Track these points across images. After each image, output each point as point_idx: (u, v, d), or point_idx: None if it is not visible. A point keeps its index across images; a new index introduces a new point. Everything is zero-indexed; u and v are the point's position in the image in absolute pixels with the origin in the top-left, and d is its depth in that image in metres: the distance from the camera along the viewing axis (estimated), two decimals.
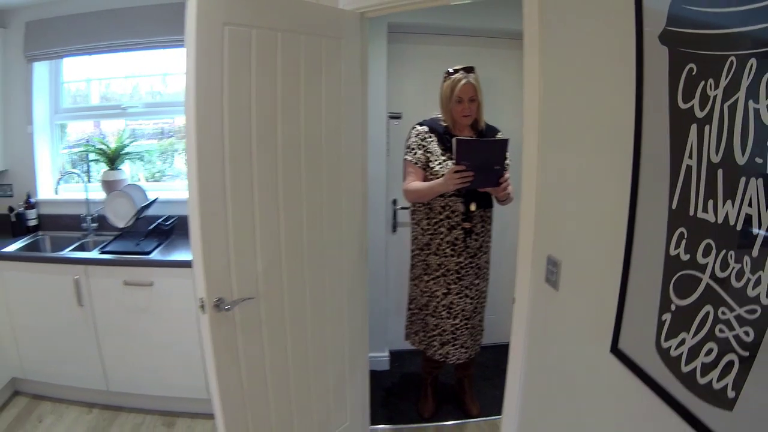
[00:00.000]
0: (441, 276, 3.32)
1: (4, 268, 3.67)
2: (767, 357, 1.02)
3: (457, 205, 3.20)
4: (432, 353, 3.47)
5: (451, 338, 3.39)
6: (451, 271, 3.30)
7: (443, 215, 3.23)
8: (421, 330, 3.53)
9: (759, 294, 1.02)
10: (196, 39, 2.10)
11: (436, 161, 3.21)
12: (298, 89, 2.54)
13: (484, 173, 2.94)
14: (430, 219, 3.29)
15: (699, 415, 1.21)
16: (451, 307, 3.35)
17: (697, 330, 1.21)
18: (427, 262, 3.37)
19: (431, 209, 3.27)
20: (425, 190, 3.16)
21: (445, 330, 3.38)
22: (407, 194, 3.28)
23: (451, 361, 3.45)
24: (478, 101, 3.20)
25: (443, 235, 3.26)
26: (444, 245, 3.27)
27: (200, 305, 2.32)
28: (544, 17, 2.12)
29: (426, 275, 3.39)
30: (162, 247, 3.77)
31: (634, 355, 1.49)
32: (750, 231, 1.04)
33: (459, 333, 3.38)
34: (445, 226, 3.24)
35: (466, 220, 3.22)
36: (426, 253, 3.36)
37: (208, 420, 3.68)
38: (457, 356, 3.42)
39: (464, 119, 3.22)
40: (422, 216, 3.33)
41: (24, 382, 3.96)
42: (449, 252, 3.28)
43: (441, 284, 3.33)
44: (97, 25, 4.02)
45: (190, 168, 2.21)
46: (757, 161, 1.01)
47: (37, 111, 4.30)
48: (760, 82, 0.99)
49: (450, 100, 3.19)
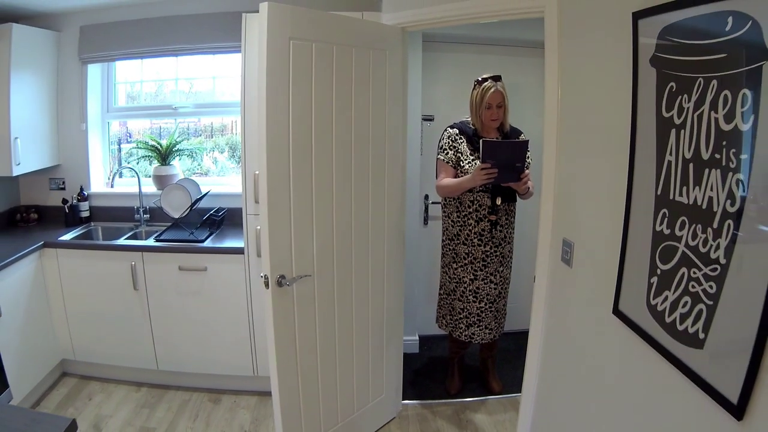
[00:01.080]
0: (468, 264, 3.62)
1: (61, 255, 3.87)
2: (725, 305, 1.33)
3: (485, 200, 3.50)
4: (459, 334, 3.76)
5: (477, 320, 3.67)
6: (478, 259, 3.60)
7: (472, 208, 3.53)
8: (448, 314, 3.82)
9: (718, 256, 1.35)
10: (267, 50, 2.41)
11: (465, 160, 3.50)
12: (350, 94, 2.85)
13: (506, 170, 3.26)
14: (460, 212, 3.59)
15: (679, 355, 1.53)
16: (477, 292, 3.64)
17: (676, 287, 1.54)
18: (456, 251, 3.66)
19: (461, 203, 3.57)
20: (455, 186, 3.46)
21: (471, 313, 3.67)
22: (439, 190, 3.58)
23: (477, 341, 3.73)
24: (504, 107, 3.48)
25: (471, 226, 3.56)
26: (472, 236, 3.57)
27: (264, 281, 2.63)
28: (563, 34, 2.45)
29: (455, 263, 3.68)
30: (214, 236, 4.03)
31: (631, 313, 1.82)
32: (712, 209, 1.37)
33: (483, 315, 3.66)
34: (473, 218, 3.54)
35: (492, 213, 3.51)
36: (455, 243, 3.65)
37: (252, 396, 3.96)
38: (482, 336, 3.71)
39: (493, 123, 3.49)
40: (453, 209, 3.63)
41: (73, 364, 4.17)
42: (476, 242, 3.57)
43: (468, 271, 3.63)
44: (149, 31, 4.26)
45: (261, 163, 2.52)
46: (716, 156, 1.34)
47: (90, 109, 4.53)
48: (719, 97, 1.33)
49: (480, 107, 3.46)
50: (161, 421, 3.63)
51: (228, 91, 4.65)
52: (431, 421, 3.70)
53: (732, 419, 1.31)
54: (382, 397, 3.55)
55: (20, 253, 3.59)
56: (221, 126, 4.93)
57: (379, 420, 3.60)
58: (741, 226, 1.27)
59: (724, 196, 1.32)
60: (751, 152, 1.23)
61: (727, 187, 1.31)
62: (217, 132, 4.94)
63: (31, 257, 3.72)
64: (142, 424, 3.60)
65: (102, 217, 4.60)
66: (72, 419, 1.67)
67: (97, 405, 3.81)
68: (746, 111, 1.24)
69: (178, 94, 4.75)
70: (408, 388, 4.02)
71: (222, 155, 4.94)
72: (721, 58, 1.34)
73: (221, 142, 4.93)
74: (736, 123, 1.27)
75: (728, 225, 1.31)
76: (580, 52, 2.30)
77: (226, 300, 3.81)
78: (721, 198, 1.33)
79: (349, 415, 3.29)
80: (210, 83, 4.70)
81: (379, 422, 3.61)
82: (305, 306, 2.83)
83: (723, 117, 1.32)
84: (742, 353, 1.27)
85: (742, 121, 1.25)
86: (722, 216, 1.33)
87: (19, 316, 3.59)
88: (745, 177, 1.25)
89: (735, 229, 1.29)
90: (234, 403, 3.90)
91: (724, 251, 1.33)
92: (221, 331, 3.87)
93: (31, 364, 3.73)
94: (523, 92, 4.34)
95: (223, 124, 4.94)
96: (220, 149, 4.94)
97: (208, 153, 4.94)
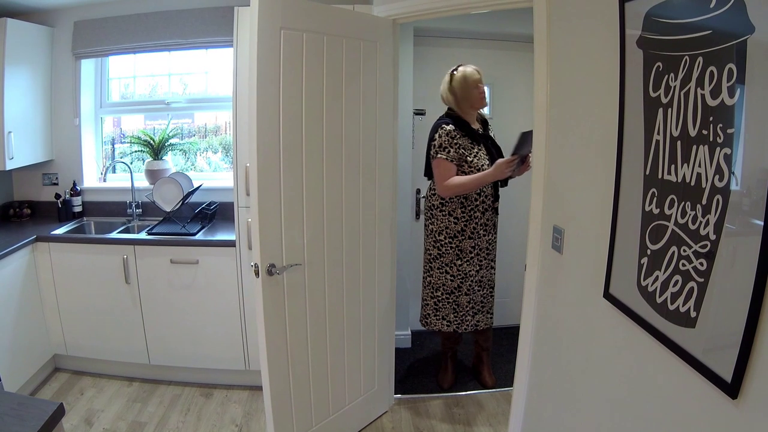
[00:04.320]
0: (474, 256, 3.64)
1: (53, 250, 3.89)
2: (717, 281, 1.33)
3: (488, 189, 3.57)
4: (465, 327, 3.78)
5: (481, 307, 3.74)
6: (483, 249, 3.65)
7: (478, 201, 3.56)
8: (451, 312, 3.77)
9: (708, 232, 1.35)
10: (257, 40, 2.43)
11: (470, 154, 3.50)
12: (340, 85, 2.87)
13: (522, 160, 3.34)
14: (465, 207, 3.58)
15: (671, 335, 1.52)
16: (481, 281, 3.70)
17: (666, 267, 1.54)
18: (460, 247, 3.64)
19: (466, 198, 3.56)
20: (475, 183, 3.44)
21: (476, 302, 3.72)
22: (451, 189, 3.48)
23: (481, 326, 3.79)
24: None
25: (478, 218, 3.59)
26: (479, 228, 3.60)
27: (255, 270, 2.64)
28: (552, 23, 2.46)
29: (459, 260, 3.66)
30: (206, 230, 4.05)
31: (622, 296, 1.82)
32: (700, 185, 1.37)
33: (486, 300, 3.74)
34: (479, 210, 3.57)
35: (496, 200, 3.61)
36: (459, 240, 3.63)
37: (244, 390, 3.98)
38: (485, 322, 3.79)
39: (483, 102, 3.56)
40: (456, 206, 3.59)
41: (65, 359, 4.18)
42: (482, 233, 3.62)
43: (474, 263, 3.65)
44: (143, 27, 4.28)
45: (251, 151, 2.54)
46: (704, 133, 1.35)
47: (84, 105, 4.56)
48: (705, 74, 1.33)
49: (468, 89, 3.50)
50: (153, 416, 3.63)
51: (221, 88, 4.65)
52: (423, 414, 3.71)
53: (726, 398, 1.30)
54: (374, 390, 3.56)
55: (12, 247, 3.59)
56: (215, 127, 4.94)
57: (371, 413, 3.60)
58: (729, 202, 1.28)
59: (712, 171, 1.32)
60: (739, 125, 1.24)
61: (715, 162, 1.31)
62: (211, 133, 4.94)
63: (23, 251, 3.72)
64: (134, 418, 3.60)
65: (95, 212, 4.62)
66: (59, 403, 1.66)
67: (89, 399, 3.81)
68: (731, 86, 1.25)
69: (171, 94, 4.76)
70: (400, 383, 4.04)
71: (216, 155, 4.94)
72: (706, 35, 1.34)
73: (215, 142, 4.94)
74: (722, 98, 1.27)
75: (717, 200, 1.31)
76: (569, 40, 2.31)
77: (218, 293, 3.82)
78: (710, 174, 1.33)
79: (340, 408, 3.29)
80: (203, 81, 4.71)
81: (371, 416, 3.61)
82: (296, 296, 2.84)
83: (709, 93, 1.32)
84: (734, 330, 1.26)
85: (728, 96, 1.26)
86: (711, 192, 1.33)
87: (11, 311, 3.59)
88: (734, 151, 1.25)
89: (724, 204, 1.29)
90: (225, 398, 3.91)
91: (714, 227, 1.33)
92: (213, 324, 3.88)
93: (23, 359, 3.73)
94: (514, 86, 4.40)
95: (217, 125, 4.94)
96: (214, 149, 4.94)
97: (202, 153, 4.94)
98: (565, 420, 2.38)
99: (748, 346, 1.23)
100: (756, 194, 1.20)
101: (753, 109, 1.20)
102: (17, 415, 1.59)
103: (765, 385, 1.20)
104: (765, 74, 1.15)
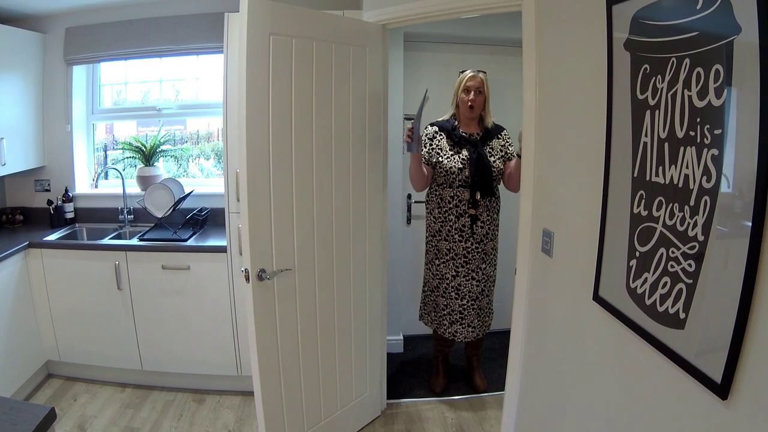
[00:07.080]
0: (450, 260, 3.62)
1: (45, 256, 3.87)
2: (705, 282, 1.34)
3: (464, 194, 3.52)
4: (443, 331, 3.77)
5: (459, 318, 3.68)
6: (459, 255, 3.60)
7: (452, 204, 3.55)
8: (432, 310, 3.83)
9: (696, 233, 1.35)
10: (247, 45, 2.42)
11: (444, 156, 3.52)
12: (330, 91, 2.87)
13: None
14: (441, 207, 3.60)
15: (660, 337, 1.52)
16: (459, 289, 3.64)
17: (655, 269, 1.54)
18: (438, 247, 3.67)
19: (442, 199, 3.59)
20: (411, 170, 3.53)
21: (454, 310, 3.68)
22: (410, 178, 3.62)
23: (460, 339, 3.74)
24: (484, 95, 3.52)
25: (452, 222, 3.57)
26: (453, 231, 3.58)
27: (245, 275, 2.63)
28: (540, 26, 2.47)
29: (437, 259, 3.69)
30: (197, 236, 4.03)
31: (611, 298, 1.83)
32: (688, 187, 1.38)
33: (466, 313, 3.66)
34: (454, 214, 3.55)
35: (471, 207, 3.53)
36: (437, 239, 3.66)
37: (236, 396, 3.96)
38: (464, 334, 3.71)
39: (470, 111, 3.52)
40: (435, 205, 3.65)
41: (58, 365, 4.16)
42: (457, 238, 3.58)
43: (450, 267, 3.63)
44: (134, 33, 4.27)
45: (241, 155, 2.53)
46: (691, 134, 1.35)
47: (75, 111, 4.54)
48: (692, 75, 1.34)
49: (458, 91, 3.53)
50: (145, 421, 3.61)
51: (213, 94, 4.64)
52: (416, 419, 3.70)
53: (717, 399, 1.30)
54: (366, 395, 3.55)
55: (5, 254, 3.57)
56: (207, 133, 4.93)
57: (363, 418, 3.59)
58: (717, 203, 1.28)
59: (699, 172, 1.32)
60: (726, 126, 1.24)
61: (702, 164, 1.31)
62: (203, 139, 4.93)
63: (15, 257, 3.70)
64: (127, 424, 3.57)
65: (87, 218, 4.60)
66: (51, 407, 1.65)
67: (82, 406, 3.79)
68: (718, 86, 1.25)
69: (163, 100, 4.74)
70: (392, 387, 4.01)
71: (208, 162, 4.93)
72: (692, 36, 1.35)
73: (207, 149, 4.93)
74: (709, 99, 1.28)
75: (705, 201, 1.31)
76: (557, 44, 2.32)
77: (209, 299, 3.81)
78: (697, 175, 1.34)
79: (332, 413, 3.28)
80: (194, 88, 4.71)
81: (363, 420, 3.59)
82: (286, 301, 2.84)
83: (696, 94, 1.33)
84: (724, 331, 1.26)
85: (715, 97, 1.26)
86: (699, 193, 1.34)
87: (4, 318, 3.57)
88: (721, 152, 1.26)
89: (711, 205, 1.29)
90: (218, 403, 3.89)
91: (702, 228, 1.33)
92: (205, 330, 3.87)
93: (16, 366, 3.71)
94: (505, 91, 4.36)
95: (209, 132, 4.93)
96: (206, 156, 4.94)
97: (194, 160, 4.94)
98: (557, 422, 2.38)
99: (738, 347, 1.24)
100: (744, 195, 1.20)
101: (740, 110, 1.20)
102: (9, 420, 1.59)
103: (755, 386, 1.21)
104: (751, 74, 1.16)
